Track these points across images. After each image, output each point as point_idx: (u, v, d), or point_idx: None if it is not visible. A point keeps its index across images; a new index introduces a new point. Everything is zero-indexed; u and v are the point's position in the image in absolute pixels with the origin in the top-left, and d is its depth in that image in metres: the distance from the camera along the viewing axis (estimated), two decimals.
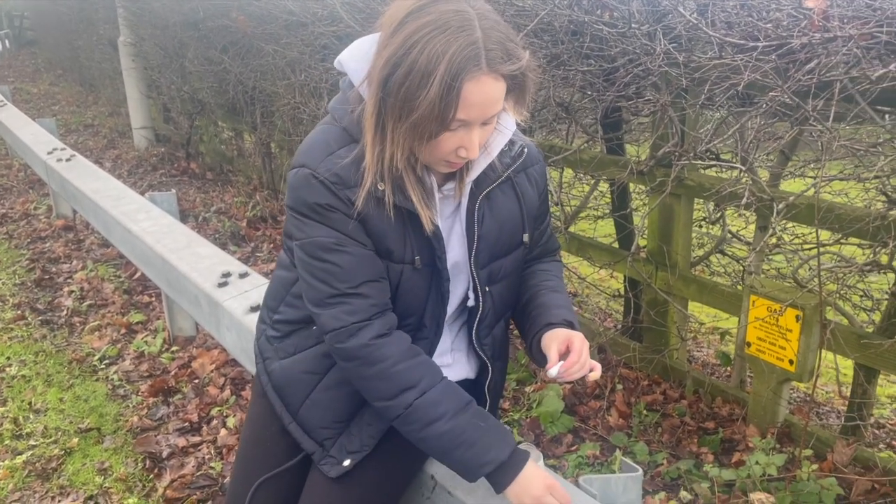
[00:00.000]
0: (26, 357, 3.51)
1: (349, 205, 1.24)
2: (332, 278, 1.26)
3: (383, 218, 1.26)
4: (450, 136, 1.16)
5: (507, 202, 1.37)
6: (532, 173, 1.42)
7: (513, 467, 1.29)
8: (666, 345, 3.07)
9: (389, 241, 1.28)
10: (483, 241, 1.35)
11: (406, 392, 1.27)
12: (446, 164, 1.23)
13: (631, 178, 2.96)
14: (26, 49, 21.53)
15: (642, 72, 2.42)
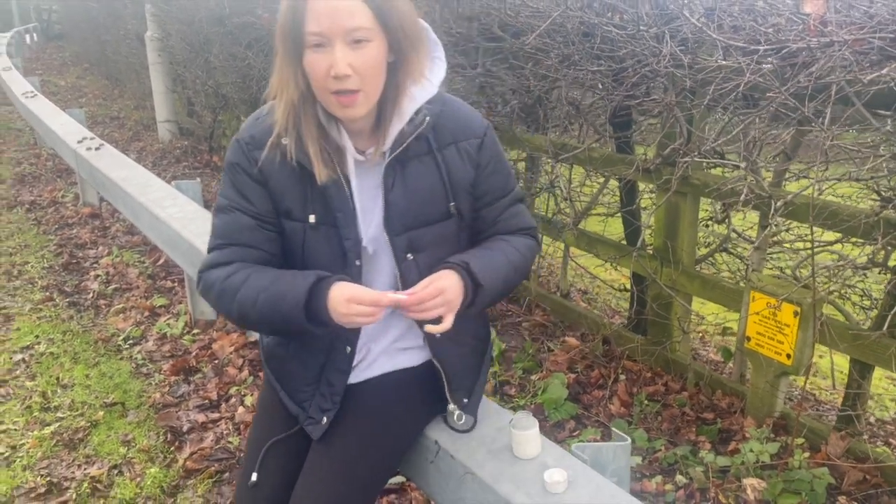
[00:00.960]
0: (54, 336, 3.66)
1: (253, 164, 1.37)
2: (213, 234, 1.44)
3: (285, 175, 1.36)
4: (318, 58, 1.23)
5: (425, 172, 1.40)
6: (464, 147, 1.43)
7: (316, 303, 1.31)
8: (669, 338, 3.16)
9: (288, 199, 1.37)
10: (392, 207, 1.38)
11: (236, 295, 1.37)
12: (335, 98, 1.26)
13: (638, 175, 3.06)
14: (54, 42, 21.90)
15: (650, 72, 2.52)
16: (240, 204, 1.39)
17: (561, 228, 3.58)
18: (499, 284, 1.42)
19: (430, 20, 3.62)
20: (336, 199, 1.36)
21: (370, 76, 1.26)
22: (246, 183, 1.38)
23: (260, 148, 1.36)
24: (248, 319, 1.38)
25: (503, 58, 3.28)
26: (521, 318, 3.75)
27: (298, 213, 1.37)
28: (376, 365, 1.56)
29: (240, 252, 1.40)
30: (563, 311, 3.74)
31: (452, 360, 1.53)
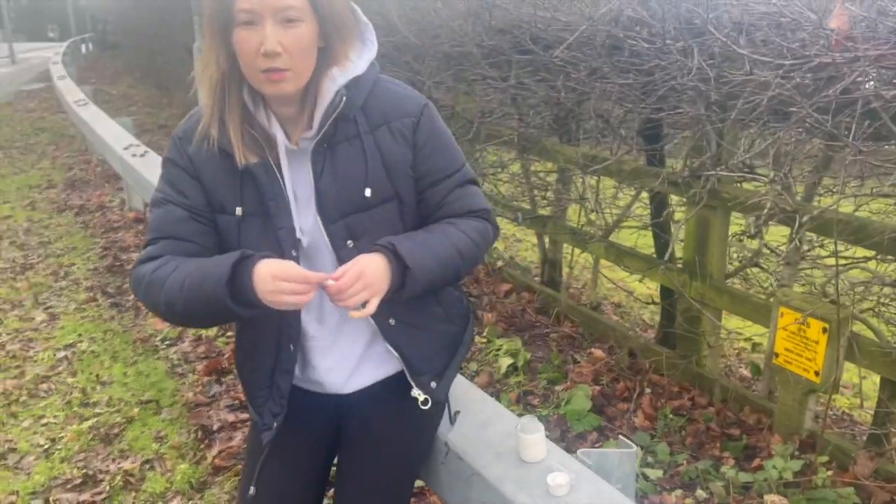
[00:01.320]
0: (96, 335, 3.80)
1: (185, 158, 1.36)
2: (148, 229, 1.42)
3: (215, 167, 1.34)
4: (247, 34, 1.21)
5: (355, 155, 1.35)
6: (397, 127, 1.38)
7: (241, 280, 1.24)
8: (697, 352, 3.14)
9: (221, 192, 1.34)
10: (324, 194, 1.34)
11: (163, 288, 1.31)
12: (264, 76, 1.24)
13: (666, 188, 3.06)
14: (108, 52, 22.63)
15: (677, 86, 2.53)
16: (173, 197, 1.37)
17: (590, 240, 3.58)
18: (434, 268, 1.34)
19: (462, 32, 3.68)
20: (267, 187, 1.33)
21: (299, 56, 1.24)
22: (179, 177, 1.37)
23: (191, 143, 1.36)
24: (175, 308, 1.30)
25: (535, 70, 3.31)
26: (549, 329, 3.76)
27: (230, 207, 1.35)
28: (365, 372, 1.52)
29: (172, 245, 1.36)
30: (591, 323, 3.74)
31: (408, 344, 1.47)
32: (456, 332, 1.58)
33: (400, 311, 1.44)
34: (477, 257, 1.46)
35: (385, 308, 1.34)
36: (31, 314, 4.08)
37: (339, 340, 1.49)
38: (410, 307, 1.44)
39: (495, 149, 4.34)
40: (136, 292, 1.38)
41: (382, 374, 1.53)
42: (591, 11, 2.58)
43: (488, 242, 1.48)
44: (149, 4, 11.98)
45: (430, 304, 1.51)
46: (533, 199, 4.22)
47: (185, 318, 1.35)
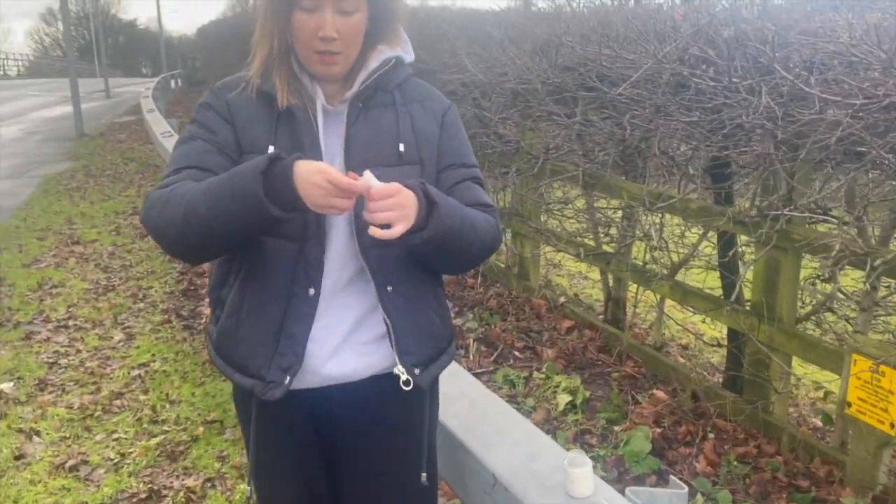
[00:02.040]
0: (168, 355, 3.96)
1: (223, 104, 1.40)
2: (168, 165, 1.41)
3: (252, 109, 1.39)
4: (306, 18, 1.31)
5: (388, 117, 1.43)
6: (430, 106, 1.49)
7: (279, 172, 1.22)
8: (765, 398, 3.03)
9: (254, 130, 1.38)
10: (352, 141, 1.38)
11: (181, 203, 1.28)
12: (318, 57, 1.34)
13: (735, 228, 3.00)
14: (195, 87, 23.78)
15: (745, 124, 2.50)
16: (201, 134, 1.41)
17: (655, 278, 3.53)
18: (455, 220, 1.34)
19: (529, 70, 3.73)
20: (303, 125, 1.38)
21: (351, 42, 1.36)
22: (212, 118, 1.41)
23: (232, 90, 1.42)
24: (196, 213, 1.26)
25: (600, 107, 3.33)
26: (610, 367, 3.70)
27: (261, 144, 1.37)
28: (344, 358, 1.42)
29: (195, 175, 1.35)
30: (655, 363, 3.66)
31: (400, 314, 1.42)
32: (442, 334, 1.52)
33: (398, 280, 1.42)
34: (484, 245, 1.44)
35: (384, 275, 1.39)
36: (109, 333, 4.28)
37: (333, 302, 1.41)
38: (409, 281, 1.43)
39: (559, 184, 4.35)
40: (148, 215, 1.34)
41: (365, 369, 1.44)
42: (657, 50, 2.58)
43: (493, 238, 1.47)
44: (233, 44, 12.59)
45: (423, 283, 1.48)
46: (597, 236, 4.20)
47: (201, 230, 1.27)
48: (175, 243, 1.33)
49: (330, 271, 1.39)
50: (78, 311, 4.62)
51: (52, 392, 3.56)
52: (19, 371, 3.78)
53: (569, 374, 3.57)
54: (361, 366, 1.43)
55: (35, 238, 6.37)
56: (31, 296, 4.91)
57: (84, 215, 7.24)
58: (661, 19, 2.91)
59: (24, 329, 4.33)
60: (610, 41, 2.93)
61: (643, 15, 2.99)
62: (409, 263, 1.43)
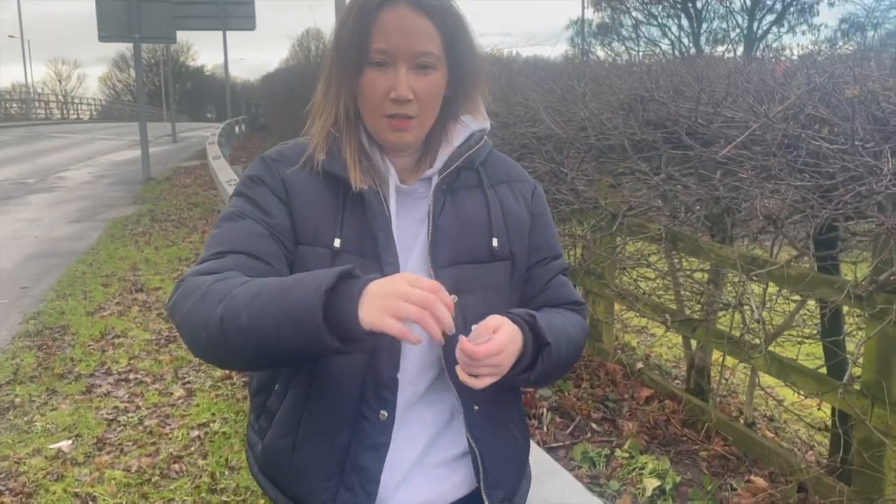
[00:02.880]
0: (228, 415, 3.82)
1: (278, 181, 1.18)
2: (208, 245, 1.15)
3: (313, 191, 1.17)
4: (378, 76, 1.13)
5: (476, 204, 1.24)
6: (519, 189, 1.30)
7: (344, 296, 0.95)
8: (880, 493, 2.70)
9: (315, 221, 1.15)
10: (440, 233, 1.18)
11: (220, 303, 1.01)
12: (388, 122, 1.15)
13: (846, 301, 2.72)
14: (258, 133, 24.38)
15: (866, 191, 2.25)
16: (252, 212, 1.16)
17: (749, 350, 3.25)
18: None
19: (612, 125, 3.55)
20: (376, 214, 1.16)
21: (428, 106, 1.17)
22: (264, 195, 1.17)
23: (290, 165, 1.19)
24: (235, 322, 0.98)
25: (690, 166, 3.11)
26: (697, 445, 3.41)
27: (325, 237, 1.14)
28: (416, 486, 1.20)
29: (243, 262, 1.10)
30: (747, 442, 3.35)
31: (487, 438, 1.22)
32: (523, 456, 1.33)
33: (484, 398, 1.19)
34: (578, 356, 1.29)
35: (471, 392, 1.14)
36: (170, 388, 4.18)
37: (405, 420, 1.19)
38: (495, 397, 1.20)
39: (633, 242, 4.12)
40: (178, 305, 1.06)
41: (439, 493, 1.21)
42: (766, 108, 2.37)
43: (585, 341, 1.31)
44: (296, 91, 12.81)
45: (510, 401, 1.29)
46: (680, 299, 3.94)
47: (238, 343, 0.99)
48: (203, 348, 1.04)
49: (404, 386, 1.17)
50: (139, 364, 4.55)
51: (110, 452, 3.44)
52: (78, 428, 3.69)
53: (653, 451, 3.29)
54: (435, 494, 1.22)
55: (100, 284, 6.40)
56: (93, 346, 4.88)
57: (148, 261, 7.28)
58: (762, 75, 2.70)
59: (86, 382, 4.27)
60: (707, 97, 2.73)
61: (739, 70, 2.79)
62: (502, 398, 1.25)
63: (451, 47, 1.16)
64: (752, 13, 31.75)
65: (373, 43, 1.12)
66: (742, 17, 31.99)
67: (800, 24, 31.84)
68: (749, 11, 31.70)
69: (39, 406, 3.94)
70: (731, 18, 32.30)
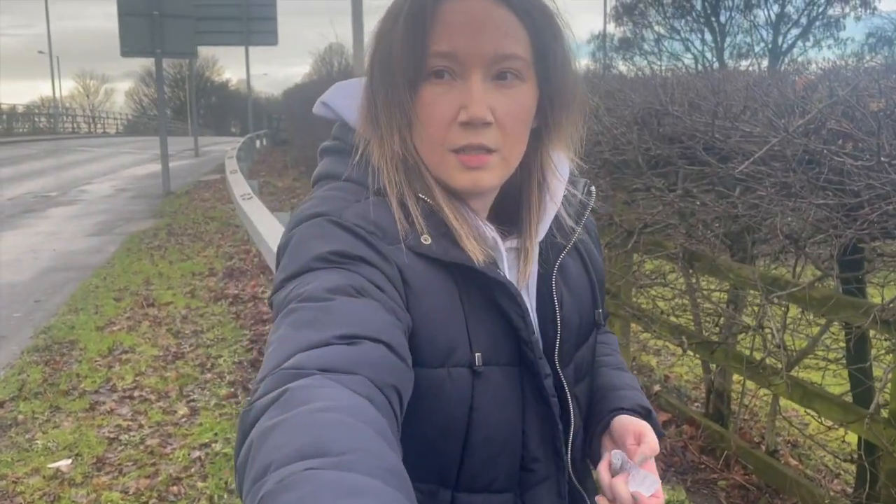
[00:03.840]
0: (231, 435, 3.73)
1: (392, 265, 0.80)
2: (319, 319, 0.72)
3: (429, 272, 0.82)
4: (441, 92, 0.81)
5: (578, 270, 0.97)
6: (590, 226, 1.02)
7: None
8: None
9: (448, 329, 0.82)
10: (566, 327, 0.92)
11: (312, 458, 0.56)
12: (457, 160, 0.83)
13: (873, 326, 2.57)
14: (279, 147, 24.52)
15: (893, 210, 2.12)
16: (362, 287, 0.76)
17: (770, 375, 3.10)
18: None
19: (626, 140, 3.43)
20: (516, 311, 0.84)
21: (514, 133, 0.84)
22: (376, 275, 0.78)
23: (390, 242, 0.82)
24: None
25: (708, 182, 2.99)
26: (716, 474, 3.25)
27: (461, 353, 0.82)
28: None
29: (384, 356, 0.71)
30: (769, 472, 3.19)
31: None
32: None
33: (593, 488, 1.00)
34: None
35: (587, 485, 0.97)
36: (174, 407, 4.11)
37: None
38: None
39: (650, 260, 3.98)
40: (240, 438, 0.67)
41: None
42: (786, 122, 2.24)
43: None
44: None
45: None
46: (698, 321, 3.79)
47: None
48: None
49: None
50: (145, 381, 4.48)
51: (108, 473, 3.37)
52: (79, 447, 3.62)
53: (669, 480, 3.14)
54: None
55: (112, 299, 6.38)
56: (100, 362, 4.82)
57: (162, 275, 7.26)
58: (782, 88, 2.58)
59: (90, 399, 4.21)
60: (725, 111, 2.61)
61: (757, 82, 2.67)
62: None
63: (542, 53, 0.84)
64: (777, 27, 31.43)
65: (432, 45, 0.80)
66: (767, 31, 31.69)
67: (826, 39, 31.46)
68: (774, 25, 31.39)
69: (42, 423, 3.89)
70: (756, 32, 32.00)
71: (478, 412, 0.83)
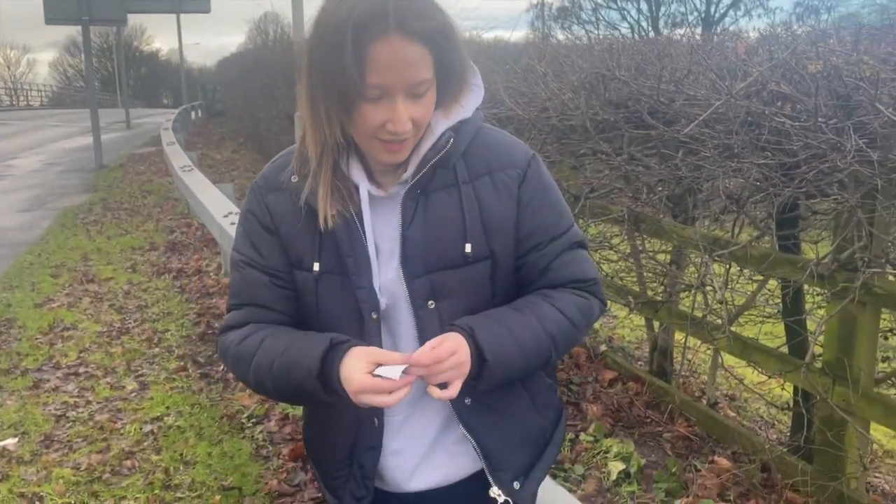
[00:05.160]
0: (183, 408, 3.70)
1: (264, 210, 1.25)
2: (230, 292, 1.32)
3: (295, 219, 1.23)
4: (374, 109, 1.09)
5: (451, 206, 1.21)
6: (502, 178, 1.23)
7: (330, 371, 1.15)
8: (842, 471, 2.72)
9: (298, 246, 1.23)
10: (410, 245, 1.19)
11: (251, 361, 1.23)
12: (382, 146, 1.14)
13: (809, 280, 2.71)
14: (215, 119, 23.89)
15: (828, 168, 2.23)
16: (252, 258, 1.27)
17: (712, 331, 3.24)
18: (516, 359, 1.19)
19: (573, 105, 3.49)
20: (346, 242, 1.20)
21: (423, 124, 1.15)
22: (257, 233, 1.26)
23: (272, 190, 1.26)
24: (265, 389, 1.25)
25: (652, 146, 3.07)
26: (661, 427, 3.40)
27: (307, 262, 1.22)
28: (436, 464, 1.31)
29: (254, 313, 1.27)
30: (710, 423, 3.35)
31: (485, 429, 1.27)
32: (544, 426, 1.36)
33: (477, 392, 1.24)
34: (575, 341, 1.30)
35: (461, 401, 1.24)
36: (122, 382, 4.04)
37: (413, 417, 1.29)
38: (488, 391, 1.25)
39: (595, 224, 4.08)
40: (223, 361, 1.33)
41: (455, 473, 1.32)
42: (729, 85, 2.33)
43: (591, 323, 1.30)
44: (254, 75, 12.51)
45: (513, 386, 1.30)
46: (643, 281, 3.92)
47: (275, 398, 1.37)
48: (255, 391, 1.32)
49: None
50: (90, 357, 4.38)
51: (58, 450, 3.30)
52: (25, 425, 3.53)
53: (617, 434, 3.27)
54: (453, 470, 1.32)
55: (49, 276, 6.18)
56: (41, 339, 4.69)
57: (100, 251, 7.06)
58: (724, 52, 2.66)
59: (33, 377, 4.10)
60: (669, 75, 2.68)
61: (700, 47, 2.74)
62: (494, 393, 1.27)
63: (442, 63, 1.12)
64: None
65: (368, 78, 1.07)
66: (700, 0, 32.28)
67: (756, 8, 32.25)
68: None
69: None
70: (689, 2, 32.58)
71: (320, 304, 1.24)
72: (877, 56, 2.06)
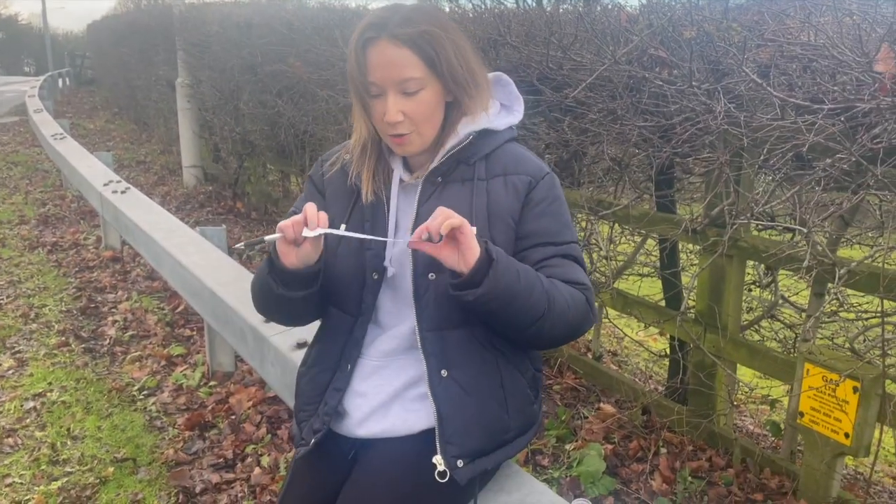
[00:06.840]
0: (67, 383, 3.54)
1: (320, 176, 1.53)
2: None
3: (338, 188, 1.49)
4: (376, 104, 1.33)
5: (461, 195, 1.40)
6: (512, 181, 1.40)
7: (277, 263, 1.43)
8: (713, 410, 2.98)
9: (333, 209, 1.45)
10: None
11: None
12: (391, 139, 1.37)
13: (683, 236, 2.93)
14: (85, 87, 22.41)
15: (700, 130, 2.41)
16: (300, 209, 1.42)
17: (597, 288, 3.43)
18: (517, 286, 1.27)
19: None
20: (371, 213, 1.43)
21: (422, 120, 1.34)
22: (312, 193, 1.53)
23: (329, 162, 1.53)
24: (260, 308, 1.50)
25: (540, 111, 3.19)
26: (551, 380, 3.58)
27: (337, 223, 1.40)
28: (391, 414, 1.43)
29: None
30: (596, 374, 3.56)
31: (450, 402, 1.37)
32: (508, 425, 1.43)
33: (456, 365, 1.38)
34: (565, 322, 1.34)
35: (441, 357, 1.37)
36: None
37: (386, 368, 1.45)
38: (468, 368, 1.38)
39: None
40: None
41: (401, 427, 1.42)
42: (613, 51, 2.46)
43: (580, 316, 1.36)
44: (129, 41, 11.80)
45: (491, 378, 1.41)
46: None
47: (266, 314, 1.54)
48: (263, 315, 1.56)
49: (380, 343, 1.45)
50: None
51: None
52: None
53: None
54: (399, 423, 1.43)
55: None
56: None
57: None
58: (610, 20, 2.80)
59: None
60: (557, 41, 2.80)
61: (590, 16, 2.87)
62: (472, 348, 1.39)
63: (434, 65, 1.30)
64: None
65: (368, 76, 1.31)
66: None
67: None
68: None
69: None
70: None
71: (339, 256, 1.45)
72: (744, 23, 2.24)
